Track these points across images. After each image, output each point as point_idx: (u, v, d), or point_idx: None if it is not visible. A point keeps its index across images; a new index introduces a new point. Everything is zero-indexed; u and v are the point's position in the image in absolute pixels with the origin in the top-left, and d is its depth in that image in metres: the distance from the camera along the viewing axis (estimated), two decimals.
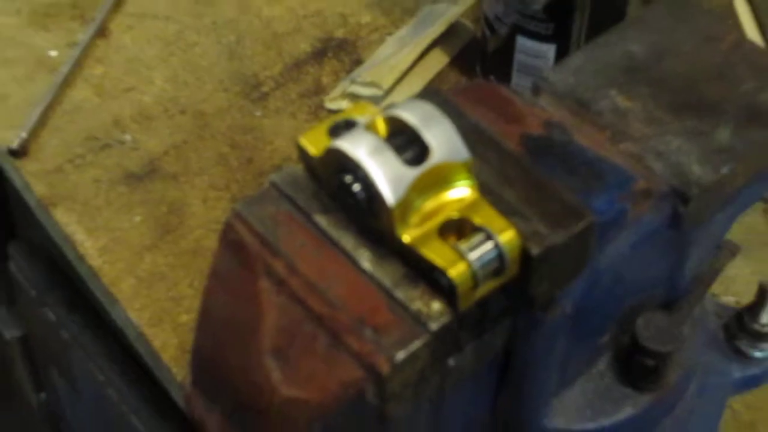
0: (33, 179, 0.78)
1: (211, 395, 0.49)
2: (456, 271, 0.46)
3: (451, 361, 0.50)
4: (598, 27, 0.74)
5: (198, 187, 0.78)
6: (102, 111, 0.81)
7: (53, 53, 0.84)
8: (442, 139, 0.48)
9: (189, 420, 0.50)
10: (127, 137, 0.80)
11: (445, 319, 0.47)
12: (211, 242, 0.51)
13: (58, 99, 0.82)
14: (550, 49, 0.76)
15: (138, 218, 0.76)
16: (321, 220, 0.49)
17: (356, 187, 0.47)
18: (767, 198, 0.78)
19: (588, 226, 0.50)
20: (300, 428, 0.46)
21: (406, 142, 0.48)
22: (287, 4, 0.88)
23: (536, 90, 0.58)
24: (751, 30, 0.87)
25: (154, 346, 0.70)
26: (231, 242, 0.49)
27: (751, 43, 0.61)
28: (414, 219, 0.47)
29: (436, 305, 0.47)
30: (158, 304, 0.72)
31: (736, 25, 0.87)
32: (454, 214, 0.48)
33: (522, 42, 0.76)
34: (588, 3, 0.74)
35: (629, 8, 0.78)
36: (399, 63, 0.81)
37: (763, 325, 0.67)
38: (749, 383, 0.69)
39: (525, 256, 0.49)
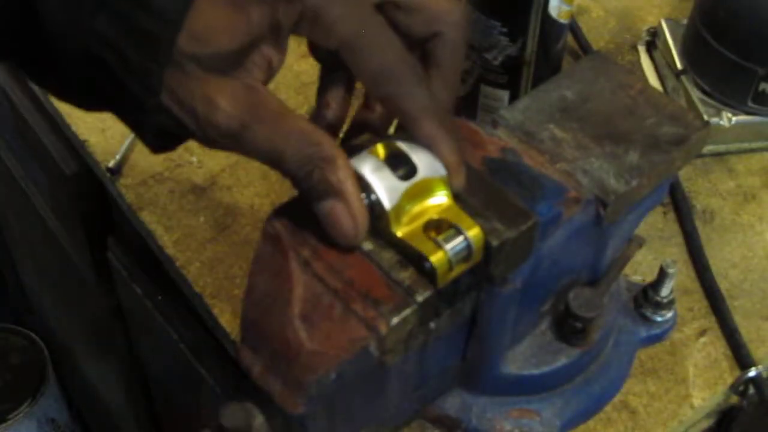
0: (125, 190, 0.78)
1: (255, 349, 0.49)
2: (436, 258, 0.46)
3: (432, 324, 0.50)
4: (540, 78, 0.74)
5: (247, 195, 0.77)
6: None
7: None
8: (425, 160, 0.48)
9: (239, 367, 0.50)
10: (194, 159, 0.80)
11: (427, 293, 0.47)
12: (256, 236, 0.51)
13: None
14: (505, 94, 0.76)
15: (202, 219, 0.76)
16: None
17: (362, 196, 0.47)
18: (665, 203, 0.78)
19: (533, 225, 0.50)
20: (321, 374, 0.45)
21: (399, 163, 0.48)
22: (312, 62, 0.87)
23: (495, 124, 0.58)
24: (653, 80, 0.87)
25: (214, 313, 0.70)
26: (270, 236, 0.49)
27: (653, 90, 0.61)
28: (405, 219, 0.47)
29: (421, 283, 0.47)
30: (217, 282, 0.72)
31: (642, 76, 0.87)
32: (434, 216, 0.48)
33: (484, 89, 0.76)
34: (533, 60, 0.73)
35: (563, 64, 0.78)
36: None
37: (663, 297, 0.67)
38: (652, 340, 0.69)
39: (487, 247, 0.48)
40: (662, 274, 0.66)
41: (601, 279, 0.61)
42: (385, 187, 0.47)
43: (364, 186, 0.47)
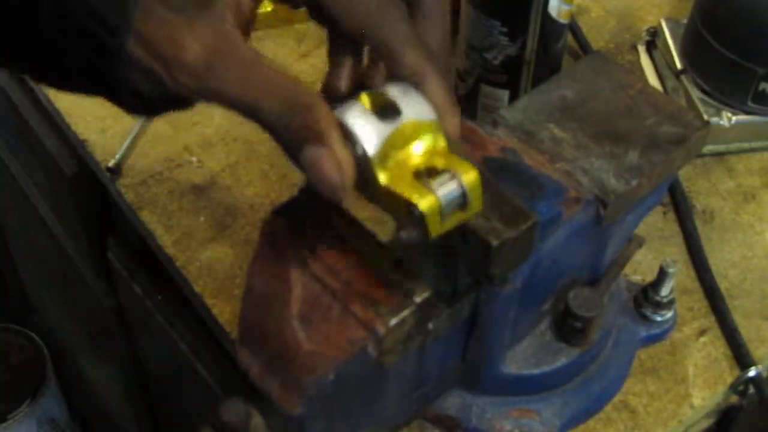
0: (125, 190, 0.78)
1: (254, 349, 0.49)
2: (425, 203, 0.43)
3: (431, 325, 0.50)
4: (540, 77, 0.73)
5: (246, 195, 0.77)
6: (175, 140, 0.81)
7: None
8: (412, 103, 0.44)
9: (239, 367, 0.50)
10: (194, 159, 0.80)
11: (426, 294, 0.47)
12: (256, 236, 0.51)
13: (143, 131, 0.81)
14: (504, 94, 0.76)
15: (202, 218, 0.76)
16: (336, 221, 0.49)
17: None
18: (664, 203, 0.78)
19: (533, 225, 0.50)
20: (319, 374, 0.45)
21: (385, 110, 0.44)
22: (311, 62, 0.87)
23: (495, 124, 0.58)
24: (653, 79, 0.87)
25: (213, 313, 0.70)
26: (269, 236, 0.49)
27: (653, 89, 0.61)
28: (391, 165, 0.44)
29: (420, 284, 0.47)
30: (217, 282, 0.71)
31: (642, 76, 0.87)
32: (424, 161, 0.44)
33: (484, 89, 0.76)
34: (533, 59, 0.73)
35: (563, 64, 0.78)
36: None
37: (663, 297, 0.67)
38: (652, 339, 0.68)
39: (486, 247, 0.48)
40: (662, 274, 0.66)
41: (601, 279, 0.61)
42: (366, 131, 0.43)
43: (347, 134, 0.43)
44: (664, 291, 0.67)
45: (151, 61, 0.43)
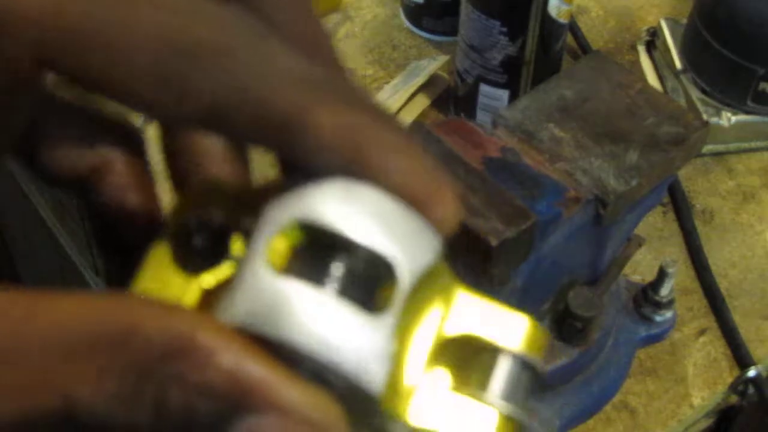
0: None
1: None
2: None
3: None
4: (539, 77, 0.73)
5: None
6: None
7: None
8: (397, 231, 0.21)
9: None
10: None
11: None
12: None
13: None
14: (504, 94, 0.76)
15: None
16: None
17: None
18: (664, 203, 0.78)
19: (532, 224, 0.50)
20: None
21: (329, 260, 0.21)
22: None
23: (494, 124, 0.58)
24: (653, 79, 0.87)
25: None
26: None
27: (653, 89, 0.61)
28: (403, 386, 0.22)
29: None
30: None
31: (642, 76, 0.87)
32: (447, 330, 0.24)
33: (484, 88, 0.76)
34: (532, 59, 0.73)
35: (562, 64, 0.78)
36: (393, 104, 0.81)
37: (662, 297, 0.67)
38: (651, 339, 0.69)
39: (486, 247, 0.48)
40: (662, 274, 0.66)
41: (600, 279, 0.61)
42: (349, 344, 0.20)
43: (291, 357, 0.20)
44: (664, 291, 0.67)
45: None
